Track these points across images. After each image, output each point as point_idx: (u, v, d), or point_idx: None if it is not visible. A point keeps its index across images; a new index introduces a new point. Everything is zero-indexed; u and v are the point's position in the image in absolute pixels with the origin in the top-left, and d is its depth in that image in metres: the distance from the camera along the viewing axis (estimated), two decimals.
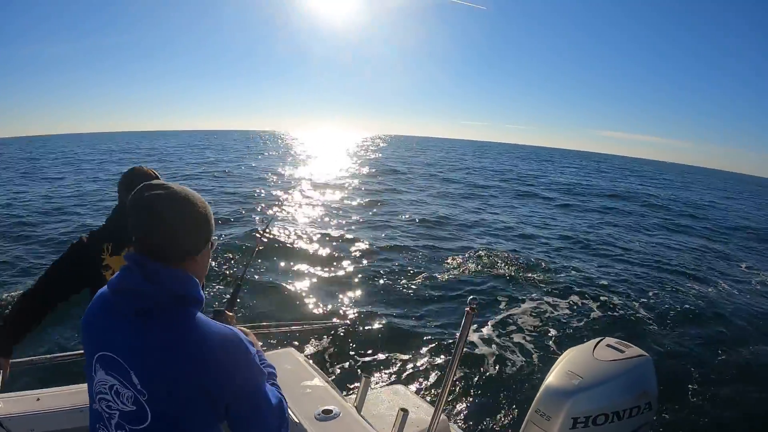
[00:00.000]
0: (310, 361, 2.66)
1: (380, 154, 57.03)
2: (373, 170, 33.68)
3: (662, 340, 6.42)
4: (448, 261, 10.02)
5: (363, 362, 5.51)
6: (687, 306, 7.83)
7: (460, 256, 10.48)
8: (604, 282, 8.91)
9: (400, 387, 3.26)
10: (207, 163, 34.26)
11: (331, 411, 2.06)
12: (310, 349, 5.73)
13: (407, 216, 15.33)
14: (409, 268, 9.35)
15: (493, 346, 6.04)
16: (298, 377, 2.41)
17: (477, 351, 5.83)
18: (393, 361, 5.56)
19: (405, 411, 2.22)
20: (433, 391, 4.92)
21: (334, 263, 9.71)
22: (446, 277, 8.89)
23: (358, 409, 2.35)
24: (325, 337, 5.99)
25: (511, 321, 6.83)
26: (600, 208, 21.09)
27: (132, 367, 1.08)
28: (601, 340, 2.48)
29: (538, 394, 2.32)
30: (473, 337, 6.14)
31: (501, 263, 10.03)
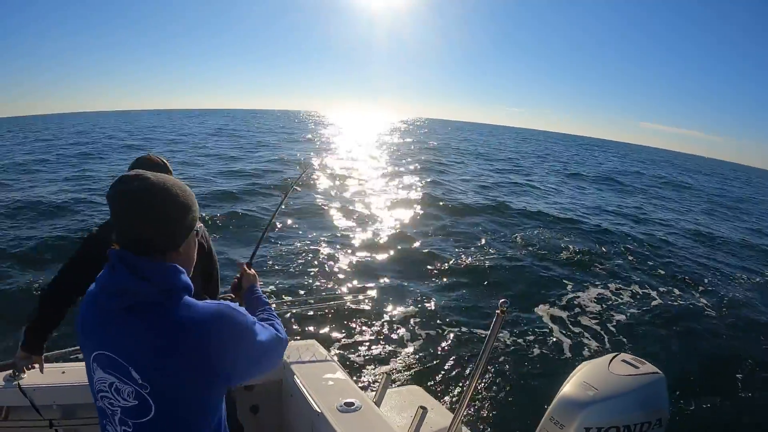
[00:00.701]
0: (332, 355, 2.75)
1: (422, 136, 59.45)
2: (417, 149, 35.29)
3: (679, 358, 6.26)
4: (488, 247, 10.10)
5: (383, 358, 5.58)
6: (714, 325, 7.51)
7: (500, 243, 10.58)
8: (636, 288, 8.73)
9: (417, 388, 3.33)
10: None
11: (352, 404, 2.11)
12: (332, 340, 5.84)
13: (451, 196, 15.56)
14: (446, 252, 9.53)
15: (512, 347, 6.03)
16: (321, 369, 2.49)
17: (496, 351, 5.83)
18: (414, 358, 5.62)
19: (424, 409, 2.29)
20: (450, 390, 4.96)
21: (367, 238, 10.05)
22: (482, 265, 8.98)
23: (377, 404, 2.43)
24: (346, 328, 6.11)
25: (534, 322, 6.81)
26: (644, 196, 21.23)
27: (130, 363, 1.08)
28: (617, 354, 2.51)
29: (552, 403, 2.35)
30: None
31: (539, 253, 10.04)
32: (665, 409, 2.31)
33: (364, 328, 6.20)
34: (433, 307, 7.02)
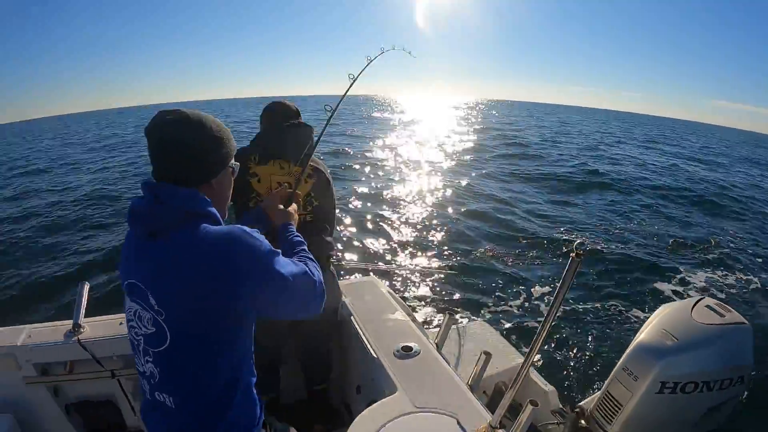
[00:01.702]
0: (392, 293, 2.60)
1: (496, 117, 58.87)
2: (497, 128, 35.55)
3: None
4: (562, 212, 9.84)
5: (449, 299, 5.52)
6: None
7: (576, 207, 10.30)
8: (722, 238, 8.15)
9: (484, 325, 3.18)
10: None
11: (411, 348, 1.98)
12: (391, 276, 5.86)
13: (547, 170, 15.31)
14: (520, 211, 9.49)
15: (587, 291, 5.83)
16: (379, 309, 2.36)
17: (570, 296, 5.58)
18: (482, 300, 5.52)
19: (488, 354, 2.21)
20: (520, 334, 4.81)
21: (443, 202, 10.19)
22: (556, 224, 8.77)
23: (439, 346, 2.34)
24: (408, 263, 6.11)
25: (610, 266, 6.53)
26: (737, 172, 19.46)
27: (148, 287, 1.10)
28: (701, 299, 2.31)
29: (627, 351, 2.22)
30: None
31: (618, 214, 9.77)
32: (749, 366, 2.12)
33: (427, 263, 6.15)
34: (505, 250, 6.95)
